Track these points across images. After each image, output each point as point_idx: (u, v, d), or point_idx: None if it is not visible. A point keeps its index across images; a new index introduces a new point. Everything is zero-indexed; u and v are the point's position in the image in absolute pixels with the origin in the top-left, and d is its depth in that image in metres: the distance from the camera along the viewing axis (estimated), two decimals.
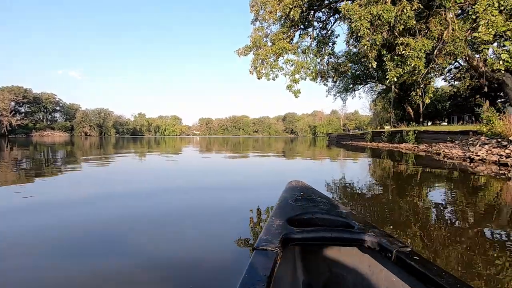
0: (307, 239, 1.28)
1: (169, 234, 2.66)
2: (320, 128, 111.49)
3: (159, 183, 5.53)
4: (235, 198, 4.24)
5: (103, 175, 6.75)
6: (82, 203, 3.85)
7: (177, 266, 1.99)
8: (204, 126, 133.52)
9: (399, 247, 1.13)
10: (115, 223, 3.00)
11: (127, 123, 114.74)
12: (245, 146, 23.60)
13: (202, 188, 5.05)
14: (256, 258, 1.06)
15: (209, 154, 13.89)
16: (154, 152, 14.71)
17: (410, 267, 1.03)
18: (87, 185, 5.20)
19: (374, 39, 9.56)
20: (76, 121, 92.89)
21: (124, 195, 4.42)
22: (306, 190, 2.08)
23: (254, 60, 11.28)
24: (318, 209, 1.60)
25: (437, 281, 0.91)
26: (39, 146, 20.34)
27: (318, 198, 1.85)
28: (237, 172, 7.84)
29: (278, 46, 10.57)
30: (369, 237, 1.24)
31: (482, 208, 3.75)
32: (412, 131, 18.39)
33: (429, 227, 2.89)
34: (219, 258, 2.12)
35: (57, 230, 2.74)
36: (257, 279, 0.90)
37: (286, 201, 1.81)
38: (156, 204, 3.79)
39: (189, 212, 3.45)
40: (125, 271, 1.94)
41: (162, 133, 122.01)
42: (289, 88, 11.33)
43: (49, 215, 3.26)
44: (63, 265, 2.03)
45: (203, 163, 10.17)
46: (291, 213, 1.55)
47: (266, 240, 1.20)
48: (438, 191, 5.16)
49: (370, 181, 6.28)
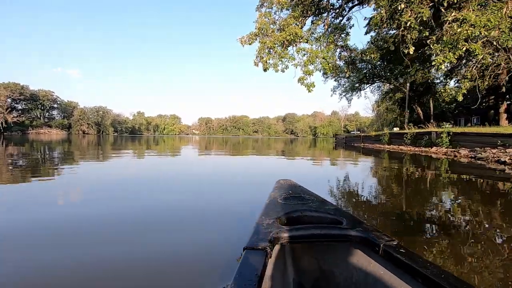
0: (297, 237, 1.28)
1: (157, 235, 2.58)
2: (321, 129, 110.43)
3: (149, 182, 5.42)
4: (225, 199, 4.15)
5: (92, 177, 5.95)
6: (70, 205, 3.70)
7: (167, 267, 1.94)
8: (204, 125, 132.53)
9: (386, 241, 1.17)
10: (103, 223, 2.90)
11: (125, 121, 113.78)
12: (245, 147, 22.40)
13: (192, 190, 4.89)
14: (246, 258, 1.06)
15: (207, 156, 13.02)
16: (151, 153, 13.76)
17: (397, 260, 1.05)
18: (74, 187, 4.81)
19: (420, 13, 7.70)
20: (74, 119, 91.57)
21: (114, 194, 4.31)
22: (295, 188, 2.10)
23: (260, 49, 9.77)
24: (307, 207, 1.63)
25: (422, 272, 0.93)
26: (33, 144, 19.28)
27: (306, 196, 1.88)
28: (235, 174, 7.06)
29: (288, 31, 9.15)
30: (357, 232, 1.27)
31: None
32: (445, 133, 15.56)
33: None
34: (209, 259, 2.09)
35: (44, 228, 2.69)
36: (248, 279, 0.91)
37: (275, 200, 1.82)
38: (142, 205, 3.66)
39: (178, 212, 3.36)
40: (114, 270, 1.90)
41: (161, 132, 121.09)
42: (301, 81, 9.76)
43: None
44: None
45: (199, 164, 9.32)
46: (280, 211, 1.59)
47: (256, 240, 1.21)
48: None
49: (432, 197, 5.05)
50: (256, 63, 10.12)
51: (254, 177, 6.57)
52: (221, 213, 3.34)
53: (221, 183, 5.48)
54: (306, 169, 8.36)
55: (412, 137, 18.79)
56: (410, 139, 18.94)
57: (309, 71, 9.39)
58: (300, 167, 8.97)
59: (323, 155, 15.01)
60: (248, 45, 9.99)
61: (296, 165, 9.58)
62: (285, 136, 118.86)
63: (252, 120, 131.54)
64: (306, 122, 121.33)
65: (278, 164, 9.55)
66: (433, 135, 16.62)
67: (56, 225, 2.77)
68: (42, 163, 8.17)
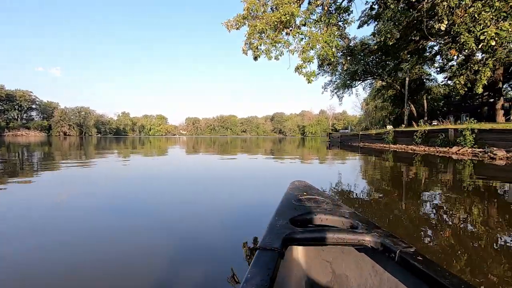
0: (310, 239, 1.26)
1: (172, 234, 2.57)
2: (309, 128, 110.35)
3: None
4: (238, 200, 4.04)
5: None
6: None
7: (180, 266, 1.95)
8: (191, 125, 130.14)
9: (403, 248, 1.11)
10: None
11: (109, 122, 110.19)
12: (234, 147, 21.20)
13: (204, 189, 4.82)
14: (259, 258, 1.05)
15: (196, 157, 12.06)
16: (137, 155, 12.60)
17: (413, 268, 1.00)
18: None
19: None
20: (54, 120, 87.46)
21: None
22: (309, 189, 2.06)
23: (250, 34, 8.33)
24: (321, 209, 1.58)
25: (441, 281, 0.89)
26: (10, 147, 17.46)
27: (321, 198, 1.83)
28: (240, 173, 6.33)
29: (283, 11, 7.81)
30: (373, 238, 1.21)
31: None
32: (468, 130, 12.89)
33: None
34: (222, 258, 2.07)
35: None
36: (260, 279, 0.90)
37: (289, 201, 1.79)
38: (155, 206, 3.58)
39: (191, 213, 3.28)
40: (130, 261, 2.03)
41: (147, 133, 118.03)
42: (299, 70, 8.36)
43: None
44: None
45: (195, 166, 8.10)
46: (294, 213, 1.54)
47: (269, 240, 1.20)
48: None
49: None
50: (244, 51, 8.75)
51: (253, 179, 5.95)
52: (231, 213, 3.31)
53: (228, 184, 5.34)
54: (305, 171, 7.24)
55: (423, 136, 16.26)
56: (421, 138, 16.35)
57: (309, 57, 8.08)
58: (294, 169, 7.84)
59: (322, 156, 13.93)
60: (236, 29, 8.59)
61: (288, 168, 8.43)
62: (274, 135, 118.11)
63: (240, 120, 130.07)
64: (294, 121, 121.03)
65: (267, 166, 8.40)
66: (450, 133, 14.24)
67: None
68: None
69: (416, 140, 16.65)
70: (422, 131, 16.64)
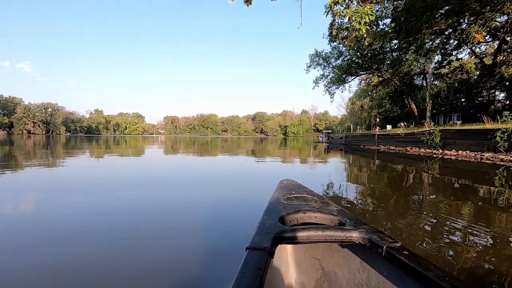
0: (299, 237, 1.23)
1: (160, 234, 2.49)
2: (291, 128, 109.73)
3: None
4: (226, 199, 3.90)
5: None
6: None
7: (169, 267, 1.89)
8: (170, 124, 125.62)
9: (389, 243, 1.11)
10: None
11: (80, 120, 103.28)
12: (214, 147, 19.02)
13: (192, 188, 4.63)
14: (249, 258, 1.04)
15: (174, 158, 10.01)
16: (109, 155, 10.51)
17: (400, 262, 1.01)
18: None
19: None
20: (16, 117, 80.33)
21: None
22: (298, 188, 2.04)
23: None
24: (310, 207, 1.57)
25: (426, 274, 0.89)
26: None
27: (309, 196, 1.82)
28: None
29: None
30: (360, 234, 1.21)
31: None
32: None
33: None
34: (212, 259, 2.01)
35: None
36: (250, 279, 0.89)
37: (277, 200, 1.77)
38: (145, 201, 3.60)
39: (179, 212, 3.20)
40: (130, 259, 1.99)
41: (122, 132, 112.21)
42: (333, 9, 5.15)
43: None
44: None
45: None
46: (283, 211, 1.52)
47: (258, 239, 1.17)
48: None
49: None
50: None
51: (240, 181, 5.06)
52: (219, 212, 3.20)
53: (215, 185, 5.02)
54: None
55: (509, 137, 10.06)
56: (507, 141, 10.08)
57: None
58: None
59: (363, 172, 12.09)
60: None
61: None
62: (255, 135, 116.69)
63: (221, 119, 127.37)
64: (276, 121, 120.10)
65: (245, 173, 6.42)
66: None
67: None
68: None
69: (501, 144, 10.34)
70: (510, 130, 10.08)
